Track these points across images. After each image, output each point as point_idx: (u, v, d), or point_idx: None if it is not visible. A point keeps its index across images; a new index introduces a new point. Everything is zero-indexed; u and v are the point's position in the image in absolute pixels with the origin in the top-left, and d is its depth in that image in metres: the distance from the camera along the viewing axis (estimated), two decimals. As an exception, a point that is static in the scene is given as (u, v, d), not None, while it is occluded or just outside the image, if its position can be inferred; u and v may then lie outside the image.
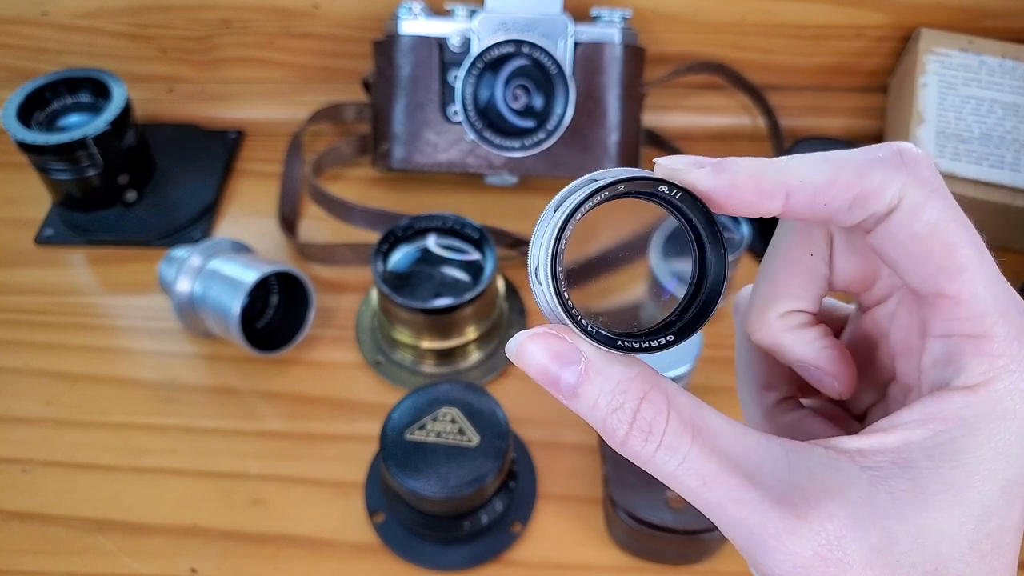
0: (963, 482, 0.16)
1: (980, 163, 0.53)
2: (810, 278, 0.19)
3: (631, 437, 0.17)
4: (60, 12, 0.61)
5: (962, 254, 0.17)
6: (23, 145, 0.52)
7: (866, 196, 0.17)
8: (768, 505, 0.16)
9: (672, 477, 0.17)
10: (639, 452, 0.17)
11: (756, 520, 0.16)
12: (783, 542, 0.16)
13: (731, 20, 0.60)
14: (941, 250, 0.16)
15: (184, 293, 0.48)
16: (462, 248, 0.50)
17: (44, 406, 0.48)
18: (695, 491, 0.16)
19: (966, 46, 0.57)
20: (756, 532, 0.16)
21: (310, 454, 0.46)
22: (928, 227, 0.16)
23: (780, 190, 0.17)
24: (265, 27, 0.62)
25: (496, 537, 0.42)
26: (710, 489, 0.16)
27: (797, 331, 0.20)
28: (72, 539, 0.43)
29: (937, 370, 0.17)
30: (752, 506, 0.16)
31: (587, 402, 0.17)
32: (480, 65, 0.53)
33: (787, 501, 0.16)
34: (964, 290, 0.17)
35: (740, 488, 0.16)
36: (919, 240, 0.16)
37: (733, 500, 0.16)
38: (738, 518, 0.16)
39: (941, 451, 0.16)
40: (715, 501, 0.16)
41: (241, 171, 0.62)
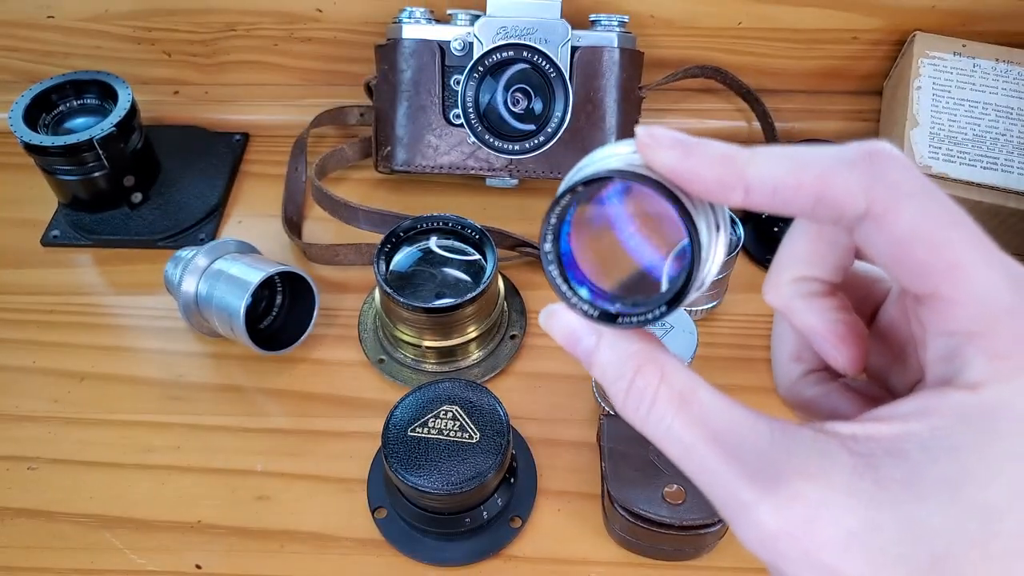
0: (962, 480, 0.15)
1: (973, 165, 0.54)
2: (829, 247, 0.19)
3: (627, 402, 0.18)
4: (66, 16, 0.62)
5: (952, 252, 0.16)
6: (30, 147, 0.53)
7: (829, 198, 0.16)
8: (739, 476, 0.17)
9: (660, 441, 0.18)
10: (633, 417, 0.19)
11: (728, 490, 0.17)
12: (750, 512, 0.16)
13: (727, 24, 0.61)
14: (926, 252, 0.16)
15: (190, 293, 0.49)
16: (463, 249, 0.51)
17: (51, 404, 0.49)
18: (677, 457, 0.18)
19: (960, 50, 0.58)
20: (728, 501, 0.17)
21: (314, 451, 0.47)
22: (906, 231, 0.16)
23: (740, 183, 0.16)
24: (270, 31, 0.62)
25: (496, 532, 0.43)
26: (690, 457, 0.18)
27: (808, 298, 0.20)
28: (78, 536, 0.44)
29: (940, 366, 0.17)
30: (725, 476, 0.17)
31: (599, 370, 0.19)
32: (481, 69, 0.54)
33: (759, 476, 0.16)
34: (960, 289, 0.16)
35: (716, 459, 0.17)
36: (899, 244, 0.16)
37: (708, 469, 0.17)
38: (713, 485, 0.17)
39: (938, 446, 0.16)
40: (694, 468, 0.18)
41: (246, 173, 0.62)
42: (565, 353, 0.20)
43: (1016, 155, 0.55)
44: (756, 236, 0.57)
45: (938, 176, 0.54)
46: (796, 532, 0.16)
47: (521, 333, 0.52)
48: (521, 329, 0.52)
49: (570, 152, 0.56)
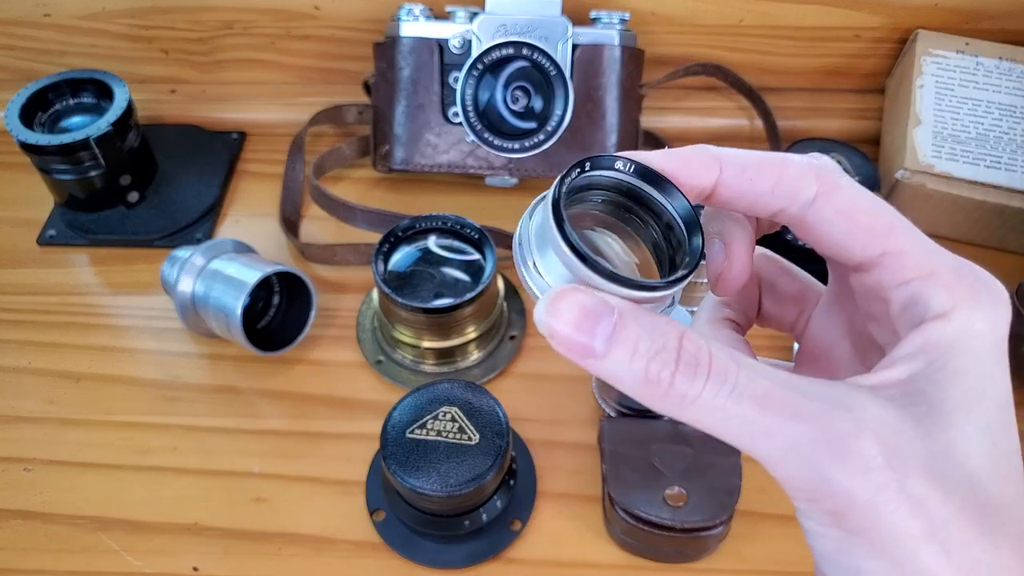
0: (969, 401, 0.17)
1: (977, 164, 0.54)
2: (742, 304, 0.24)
3: (679, 376, 0.17)
4: (62, 14, 0.61)
5: (886, 217, 0.19)
6: (26, 146, 0.53)
7: (786, 183, 0.19)
8: (829, 409, 0.16)
9: (721, 412, 0.17)
10: (686, 391, 0.17)
11: (822, 424, 0.16)
12: (853, 440, 0.16)
13: (729, 22, 0.61)
14: (868, 218, 0.19)
15: (186, 293, 0.48)
16: (462, 248, 0.50)
17: (47, 405, 0.49)
18: (749, 418, 0.17)
19: (963, 48, 0.58)
20: (820, 440, 0.16)
21: (312, 453, 0.46)
22: (849, 203, 0.19)
23: (715, 163, 0.19)
24: (267, 29, 0.62)
25: (496, 535, 0.43)
26: (766, 410, 0.16)
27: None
28: (75, 538, 0.43)
29: (908, 313, 0.19)
30: (814, 414, 0.16)
31: (626, 350, 0.17)
32: (480, 67, 0.53)
33: (826, 435, 0.16)
34: (902, 242, 0.19)
35: (798, 402, 0.16)
36: (847, 215, 0.19)
37: (792, 415, 0.16)
38: (798, 432, 0.16)
39: (941, 375, 0.17)
40: (770, 423, 0.16)
41: (243, 172, 0.62)
42: None
43: (1019, 154, 0.54)
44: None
45: (941, 175, 0.53)
46: (881, 479, 0.16)
47: (521, 334, 0.51)
48: (521, 330, 0.52)
49: (570, 151, 0.56)
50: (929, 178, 0.53)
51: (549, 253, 0.18)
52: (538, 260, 0.18)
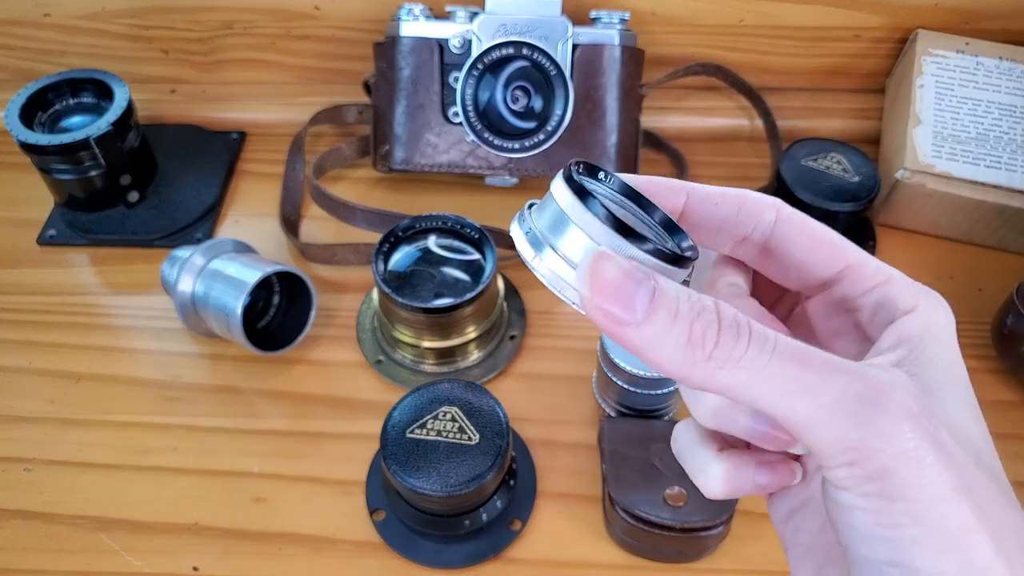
0: (949, 381, 0.19)
1: (977, 164, 0.54)
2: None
3: (723, 336, 0.17)
4: (62, 13, 0.61)
5: (838, 237, 0.21)
6: (26, 146, 0.53)
7: (749, 207, 0.21)
8: (864, 367, 0.17)
9: (764, 371, 0.17)
10: (730, 353, 0.17)
11: (862, 378, 0.17)
12: (892, 392, 0.17)
13: (729, 22, 0.61)
14: (827, 237, 0.21)
15: (186, 293, 0.48)
16: (462, 248, 0.50)
17: (47, 405, 0.49)
18: (792, 375, 0.17)
19: (963, 48, 0.58)
20: (863, 392, 0.17)
21: (312, 452, 0.46)
22: (807, 224, 0.21)
23: (683, 190, 0.21)
24: (267, 29, 0.62)
25: (496, 535, 0.43)
26: (807, 367, 0.17)
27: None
28: (75, 538, 0.43)
29: (879, 315, 0.21)
30: (852, 369, 0.17)
31: (668, 314, 0.17)
32: (480, 67, 0.53)
33: (871, 367, 0.17)
34: (859, 256, 0.21)
35: (834, 360, 0.17)
36: (809, 235, 0.21)
37: (832, 370, 0.17)
38: (841, 385, 0.17)
39: (921, 360, 0.19)
40: (814, 378, 0.17)
41: (243, 172, 0.62)
42: (566, 354, 0.19)
43: (1019, 154, 0.54)
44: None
45: (941, 175, 0.53)
46: (921, 427, 0.17)
47: (521, 334, 0.51)
48: (521, 330, 0.52)
49: (570, 151, 0.56)
50: (929, 178, 0.53)
51: (570, 232, 0.18)
52: (558, 243, 0.18)
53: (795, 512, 0.22)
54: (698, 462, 0.21)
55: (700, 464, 0.21)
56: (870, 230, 0.56)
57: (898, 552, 0.17)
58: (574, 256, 0.18)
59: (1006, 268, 0.55)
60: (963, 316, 0.52)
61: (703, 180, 0.65)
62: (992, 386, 0.49)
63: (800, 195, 0.52)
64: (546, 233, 0.18)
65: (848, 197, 0.52)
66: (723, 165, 0.62)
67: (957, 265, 0.55)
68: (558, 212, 0.18)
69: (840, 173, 0.53)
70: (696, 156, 0.61)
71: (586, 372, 0.49)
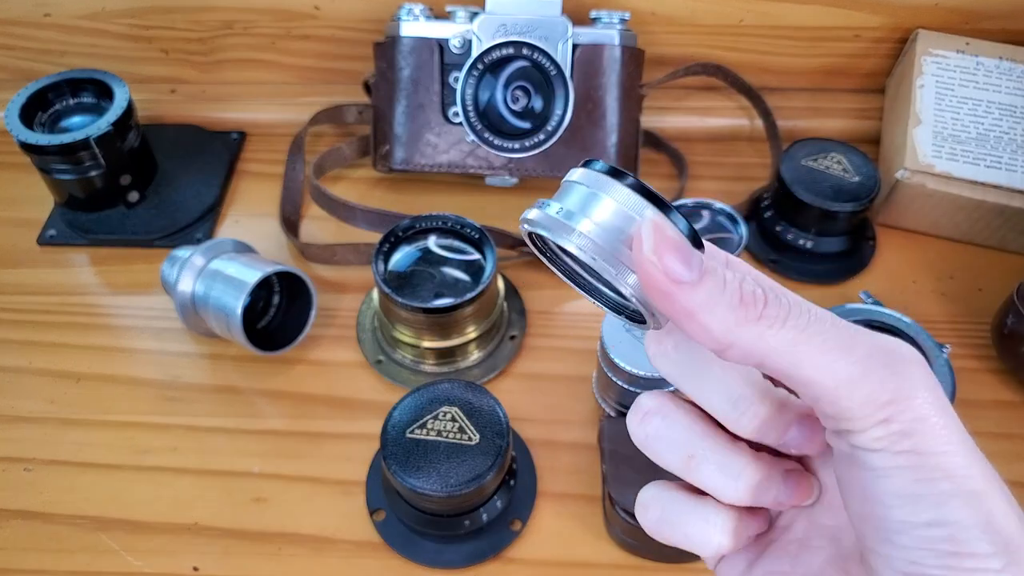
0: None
1: (977, 164, 0.54)
2: None
3: (769, 299, 0.18)
4: (62, 13, 0.61)
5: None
6: (26, 146, 0.53)
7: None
8: (874, 334, 0.18)
9: (805, 332, 0.17)
10: (776, 312, 0.17)
11: (887, 338, 0.18)
12: (914, 355, 0.18)
13: (729, 22, 0.61)
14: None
15: (186, 293, 0.48)
16: (462, 248, 0.50)
17: (47, 405, 0.49)
18: (831, 334, 0.17)
19: (963, 48, 0.58)
20: (894, 351, 0.18)
21: (312, 452, 0.46)
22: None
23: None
24: (267, 29, 0.62)
25: (496, 535, 0.43)
26: (841, 325, 0.18)
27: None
28: (75, 537, 0.43)
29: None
30: (872, 333, 0.18)
31: (718, 277, 0.17)
32: (480, 67, 0.53)
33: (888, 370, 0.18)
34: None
35: (852, 324, 0.18)
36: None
37: (859, 330, 0.18)
38: (876, 342, 0.18)
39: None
40: (850, 335, 0.18)
41: (243, 172, 0.62)
42: (566, 354, 0.20)
43: (1020, 154, 0.54)
44: (759, 235, 0.57)
45: (941, 175, 0.53)
46: (939, 393, 0.18)
47: (521, 334, 0.51)
48: (521, 329, 0.52)
49: (570, 151, 0.56)
50: (929, 178, 0.53)
51: (604, 205, 0.18)
52: (593, 214, 0.18)
53: (753, 565, 0.22)
54: (733, 467, 0.20)
55: (735, 469, 0.20)
56: (870, 230, 0.56)
57: (937, 508, 0.17)
58: (614, 223, 0.18)
59: (1006, 268, 0.55)
60: (963, 316, 0.52)
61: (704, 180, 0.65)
62: (992, 386, 0.49)
63: (800, 195, 0.52)
64: (577, 211, 0.18)
65: (848, 197, 0.52)
66: (723, 165, 0.62)
67: (957, 265, 0.55)
68: (587, 192, 0.18)
69: (840, 173, 0.53)
70: (696, 156, 0.62)
71: (586, 372, 0.49)
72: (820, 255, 0.54)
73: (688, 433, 0.20)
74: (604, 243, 0.18)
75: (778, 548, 0.22)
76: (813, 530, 0.22)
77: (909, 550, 0.17)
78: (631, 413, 0.21)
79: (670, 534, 0.21)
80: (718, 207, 0.50)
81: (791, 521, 0.23)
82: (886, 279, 0.54)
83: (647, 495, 0.21)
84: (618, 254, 0.18)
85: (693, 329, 0.17)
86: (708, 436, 0.20)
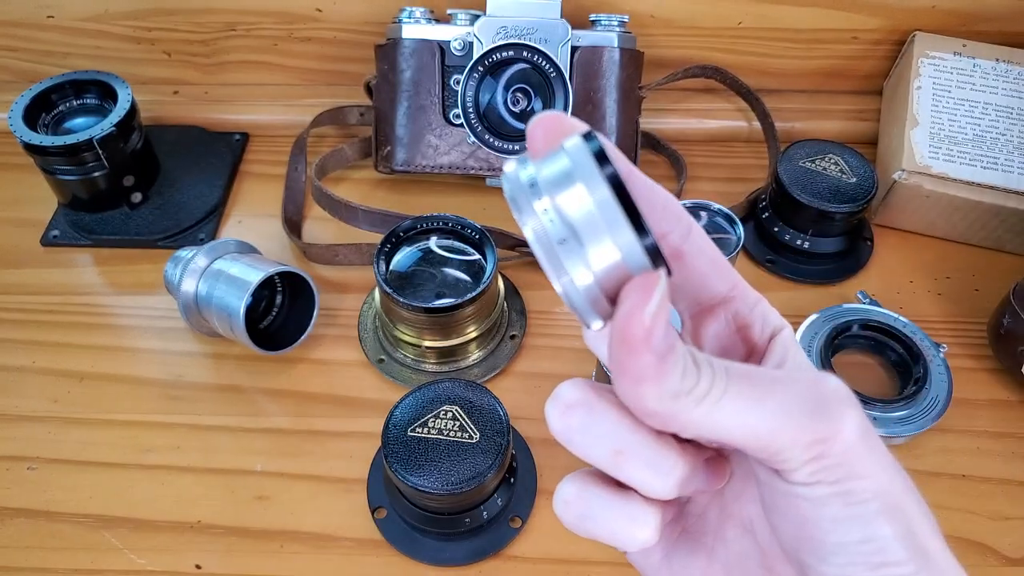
0: None
1: (974, 165, 0.54)
2: None
3: (702, 374, 0.17)
4: (65, 15, 0.62)
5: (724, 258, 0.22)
6: (29, 147, 0.53)
7: (675, 209, 0.21)
8: (798, 374, 0.19)
9: (722, 402, 0.17)
10: (703, 390, 0.17)
11: (811, 379, 0.18)
12: (837, 386, 0.19)
13: (727, 24, 0.61)
14: (720, 255, 0.21)
15: (189, 293, 0.49)
16: (463, 249, 0.51)
17: (51, 404, 0.49)
18: (748, 393, 0.18)
19: (960, 50, 0.58)
20: (820, 389, 0.18)
21: (314, 451, 0.47)
22: (710, 242, 0.21)
23: (629, 173, 0.20)
24: (269, 31, 0.62)
25: (496, 532, 0.43)
26: (760, 379, 0.18)
27: None
28: (78, 536, 0.44)
29: (765, 330, 0.22)
30: (797, 375, 0.19)
31: (677, 359, 0.17)
32: (481, 69, 0.54)
33: (817, 415, 0.19)
34: (738, 276, 0.22)
35: (778, 373, 0.19)
36: (712, 250, 0.21)
37: (785, 378, 0.18)
38: (800, 388, 0.18)
39: (801, 365, 0.21)
40: (764, 392, 0.18)
41: (246, 173, 0.62)
42: (566, 353, 0.20)
43: (1016, 155, 0.55)
44: (756, 235, 0.57)
45: (938, 176, 0.54)
46: (863, 416, 0.19)
47: (521, 333, 0.52)
48: (521, 329, 0.52)
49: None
50: (926, 179, 0.54)
51: (574, 192, 0.17)
52: (558, 199, 0.17)
53: (669, 555, 0.22)
54: (664, 463, 0.19)
55: (666, 465, 0.19)
56: (867, 231, 0.57)
57: (867, 527, 0.18)
58: (574, 215, 0.17)
59: (1002, 268, 0.55)
60: (960, 316, 0.53)
61: (702, 181, 0.65)
62: (989, 385, 0.49)
63: (798, 196, 0.52)
64: (544, 187, 0.17)
65: (846, 198, 0.52)
66: (721, 167, 0.62)
67: (954, 266, 0.56)
68: (568, 169, 0.17)
69: (838, 174, 0.54)
70: (695, 158, 0.62)
71: (586, 372, 0.49)
72: (817, 255, 0.55)
73: (615, 427, 0.19)
74: (555, 235, 0.17)
75: (693, 539, 0.23)
76: (726, 519, 0.22)
77: (844, 567, 0.18)
78: (550, 405, 0.19)
79: (593, 530, 0.20)
80: (716, 208, 0.50)
81: (703, 509, 0.23)
82: (883, 279, 0.55)
83: (569, 492, 0.20)
84: (565, 250, 0.17)
85: (626, 391, 0.17)
86: (636, 430, 0.19)
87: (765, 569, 0.21)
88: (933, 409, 0.46)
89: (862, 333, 0.49)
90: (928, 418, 0.46)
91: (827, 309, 0.50)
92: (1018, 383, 0.49)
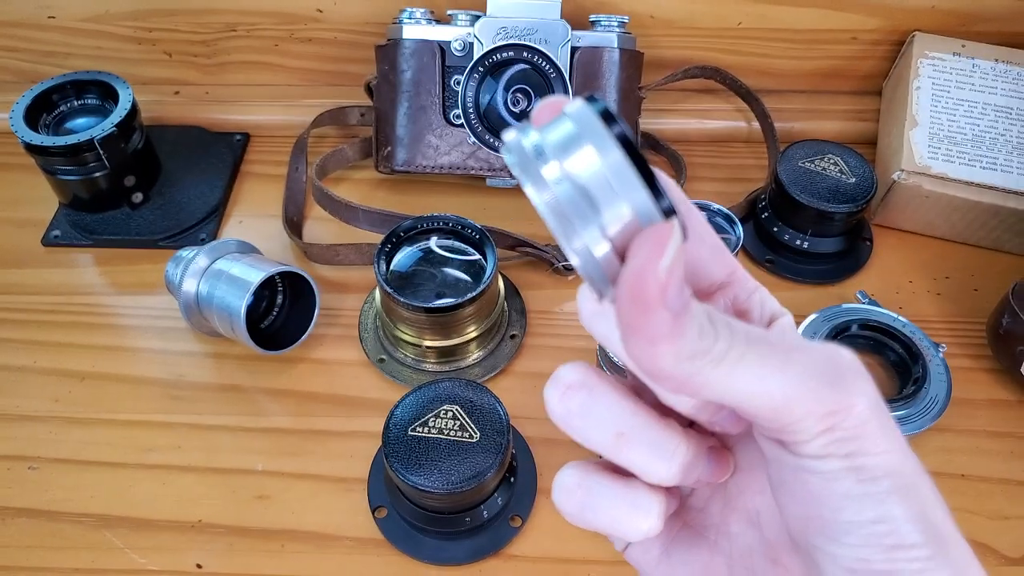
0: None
1: (973, 165, 0.54)
2: None
3: (720, 334, 0.17)
4: (66, 16, 0.62)
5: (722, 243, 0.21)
6: (31, 147, 0.53)
7: (676, 193, 0.20)
8: (810, 343, 0.18)
9: (739, 366, 0.17)
10: (721, 350, 0.17)
11: (826, 348, 0.18)
12: (849, 357, 0.18)
13: (727, 25, 0.61)
14: (719, 241, 0.21)
15: (190, 293, 0.49)
16: (463, 249, 0.51)
17: (52, 404, 0.49)
18: (767, 359, 0.17)
19: (959, 50, 0.58)
20: (830, 358, 0.18)
21: (314, 450, 0.47)
22: (709, 227, 0.21)
23: None
24: (270, 31, 0.63)
25: (497, 531, 0.43)
26: (778, 346, 0.17)
27: None
28: (79, 535, 0.44)
29: (764, 316, 0.21)
30: (810, 344, 0.18)
31: (691, 317, 0.17)
32: (481, 69, 0.54)
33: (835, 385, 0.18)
34: (736, 262, 0.21)
35: (788, 338, 0.18)
36: (711, 236, 0.20)
37: (800, 346, 0.17)
38: (814, 358, 0.17)
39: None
40: (788, 354, 0.17)
41: (246, 173, 0.62)
42: (566, 353, 0.19)
43: (1015, 155, 0.55)
44: (756, 236, 0.57)
45: (937, 176, 0.54)
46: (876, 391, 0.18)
47: (521, 333, 0.52)
48: (521, 329, 0.52)
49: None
50: (926, 179, 0.54)
51: (583, 153, 0.16)
52: (566, 161, 0.16)
53: (669, 550, 0.22)
54: (666, 446, 0.19)
55: (668, 448, 0.19)
56: (867, 231, 0.57)
57: (880, 505, 0.17)
58: (586, 178, 0.16)
59: (1001, 268, 0.55)
60: (959, 316, 0.53)
61: (701, 182, 0.65)
62: (988, 385, 0.49)
63: (797, 196, 0.53)
64: (551, 152, 0.16)
65: (845, 198, 0.52)
66: (721, 167, 0.63)
67: (953, 266, 0.56)
68: (575, 132, 0.16)
69: (837, 174, 0.54)
70: (694, 158, 0.62)
71: (586, 371, 0.49)
72: (817, 255, 0.55)
73: (617, 409, 0.18)
74: (568, 202, 0.16)
75: (694, 533, 0.22)
76: (730, 513, 0.22)
77: (856, 548, 0.17)
78: (550, 387, 0.19)
79: (594, 520, 0.19)
80: (716, 208, 0.50)
81: (705, 503, 0.22)
82: (882, 279, 0.55)
83: (569, 480, 0.20)
84: (579, 216, 0.16)
85: (640, 353, 0.16)
86: (638, 412, 0.18)
87: (770, 561, 0.21)
88: (932, 409, 0.46)
89: (861, 333, 0.49)
90: (927, 418, 0.46)
91: (826, 309, 0.50)
92: (1017, 383, 0.49)
